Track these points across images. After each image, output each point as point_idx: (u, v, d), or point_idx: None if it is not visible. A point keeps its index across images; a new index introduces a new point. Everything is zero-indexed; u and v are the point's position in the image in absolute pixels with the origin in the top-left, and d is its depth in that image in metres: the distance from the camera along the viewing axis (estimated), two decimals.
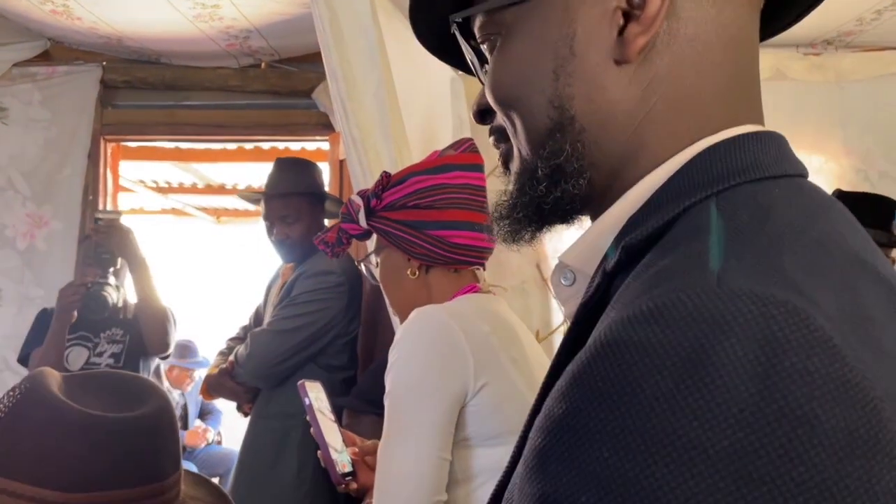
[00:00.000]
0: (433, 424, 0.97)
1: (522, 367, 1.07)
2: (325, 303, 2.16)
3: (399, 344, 1.01)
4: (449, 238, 1.11)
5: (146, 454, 0.72)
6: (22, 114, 2.76)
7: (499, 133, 0.55)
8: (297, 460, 2.13)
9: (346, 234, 1.19)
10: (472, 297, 1.12)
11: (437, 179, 1.12)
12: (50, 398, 0.71)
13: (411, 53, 2.05)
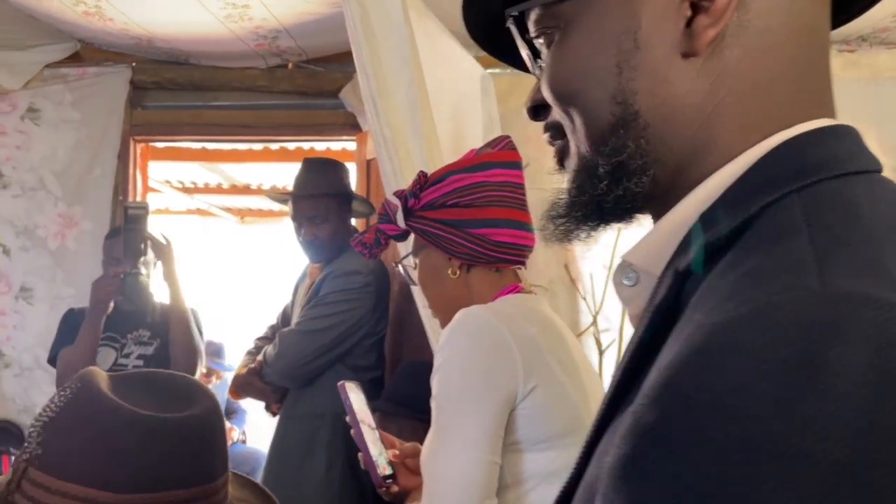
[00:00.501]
0: (483, 428, 0.95)
1: (570, 369, 1.05)
2: (354, 303, 2.15)
3: (445, 346, 0.99)
4: (491, 236, 1.09)
5: (198, 454, 0.72)
6: (53, 115, 2.79)
7: (554, 129, 0.53)
8: (326, 460, 2.13)
9: (384, 235, 1.18)
10: (515, 297, 1.10)
11: (477, 177, 1.11)
12: (102, 398, 0.70)
13: (441, 51, 2.04)
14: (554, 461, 0.99)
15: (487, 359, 0.97)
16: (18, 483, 0.67)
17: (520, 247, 1.12)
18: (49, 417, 0.68)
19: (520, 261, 1.13)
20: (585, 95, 0.48)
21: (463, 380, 0.97)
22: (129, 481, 0.67)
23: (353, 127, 2.89)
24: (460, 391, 0.96)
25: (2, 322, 2.73)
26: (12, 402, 2.74)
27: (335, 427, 2.14)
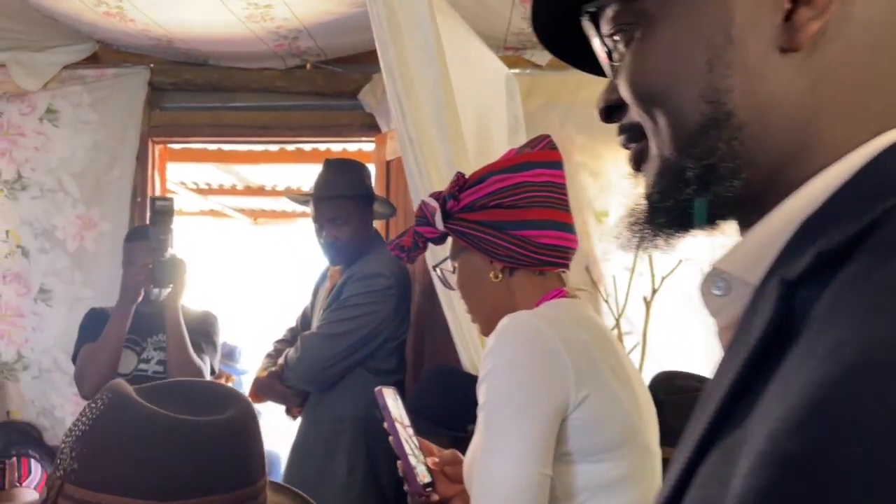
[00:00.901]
0: (533, 438, 0.91)
1: (622, 377, 1.01)
2: (375, 306, 2.13)
3: (493, 353, 0.96)
4: (534, 238, 1.06)
5: (236, 457, 0.70)
6: (72, 116, 2.78)
7: (631, 131, 0.51)
8: (347, 464, 2.11)
9: (422, 238, 1.15)
10: (562, 302, 1.07)
11: (519, 178, 1.07)
12: (137, 406, 0.69)
13: (466, 51, 2.02)
14: (607, 473, 0.96)
15: (538, 367, 0.94)
16: (55, 501, 0.65)
17: (563, 249, 1.09)
18: (82, 431, 0.67)
19: (563, 263, 1.10)
20: (672, 95, 0.45)
21: (513, 389, 0.93)
22: (169, 488, 0.65)
23: (371, 128, 2.87)
24: (510, 400, 0.93)
25: (21, 324, 2.73)
26: (31, 403, 2.73)
27: (356, 431, 2.13)
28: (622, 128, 0.52)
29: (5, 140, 2.76)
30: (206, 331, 2.37)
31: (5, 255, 2.74)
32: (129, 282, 2.17)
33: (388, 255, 2.26)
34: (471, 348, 1.85)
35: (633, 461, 0.99)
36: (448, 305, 1.87)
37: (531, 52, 2.81)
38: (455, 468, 1.14)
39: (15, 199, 2.75)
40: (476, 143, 1.94)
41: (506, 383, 0.93)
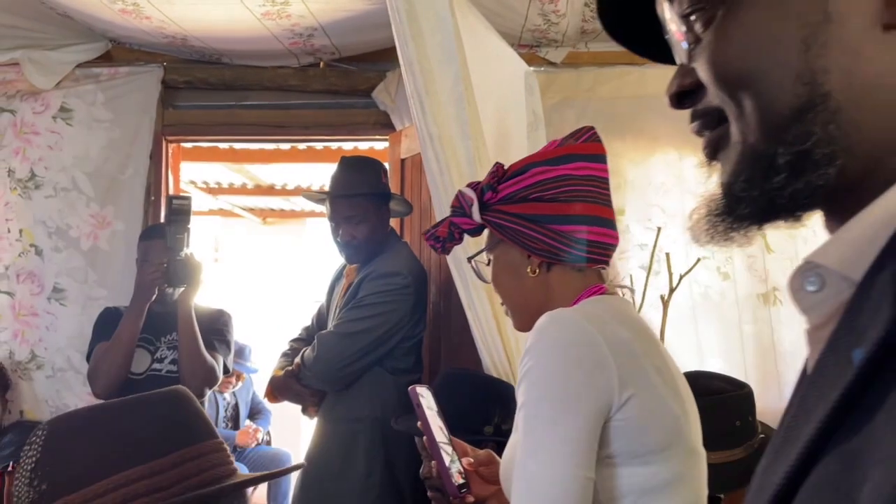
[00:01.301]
0: (576, 440, 0.88)
1: (666, 377, 0.98)
2: (393, 305, 2.11)
3: (533, 351, 0.93)
4: (574, 233, 1.04)
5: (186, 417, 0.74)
6: (85, 114, 2.77)
7: (707, 117, 0.49)
8: (365, 465, 2.10)
9: (458, 229, 1.12)
10: (603, 298, 1.04)
11: (561, 170, 1.05)
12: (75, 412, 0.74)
13: (485, 48, 2.00)
14: (652, 477, 0.93)
15: (580, 366, 0.91)
16: None
17: (604, 245, 1.06)
18: (35, 461, 0.68)
19: (603, 260, 1.07)
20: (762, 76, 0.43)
21: (554, 388, 0.90)
22: (143, 453, 0.67)
23: (385, 126, 2.86)
24: (551, 400, 0.90)
25: (34, 323, 2.72)
26: (45, 403, 2.72)
27: (374, 431, 2.11)
28: (697, 113, 0.49)
29: (19, 139, 2.75)
30: (220, 329, 2.37)
31: (19, 254, 2.73)
32: (144, 280, 2.17)
33: (405, 253, 2.26)
34: (492, 348, 1.83)
35: (679, 464, 0.96)
36: (468, 305, 1.85)
37: (545, 50, 2.80)
38: (490, 468, 1.12)
39: (28, 198, 2.74)
40: (495, 140, 1.92)
41: (547, 382, 0.91)
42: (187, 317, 2.19)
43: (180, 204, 2.18)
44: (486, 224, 1.10)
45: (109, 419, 0.70)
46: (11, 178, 2.74)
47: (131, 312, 2.18)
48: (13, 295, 2.72)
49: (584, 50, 2.82)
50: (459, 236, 1.14)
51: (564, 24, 2.52)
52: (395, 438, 2.12)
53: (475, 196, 1.09)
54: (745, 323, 2.64)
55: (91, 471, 0.65)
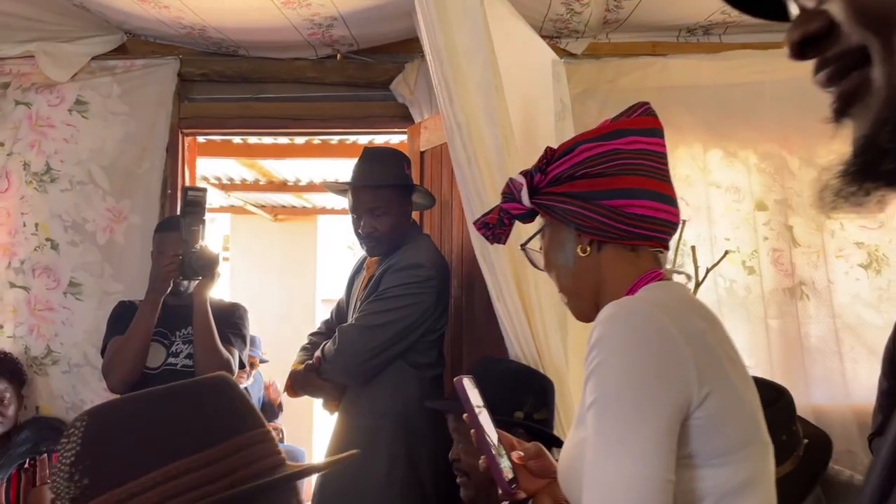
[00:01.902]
0: (655, 441, 0.83)
1: (740, 369, 0.93)
2: (415, 297, 2.08)
3: (602, 344, 0.87)
4: (624, 208, 0.99)
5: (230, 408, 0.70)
6: (101, 107, 2.74)
7: (839, 63, 0.43)
8: (387, 460, 2.06)
9: (508, 215, 1.09)
10: (665, 284, 0.99)
11: (610, 145, 1.00)
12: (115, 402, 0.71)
13: (512, 36, 1.96)
14: (732, 477, 0.88)
15: (656, 360, 0.85)
16: None
17: (659, 221, 1.00)
18: (74, 454, 0.64)
19: (659, 237, 1.02)
20: None
21: (629, 385, 0.84)
22: (189, 445, 0.64)
23: (403, 119, 2.82)
24: (627, 399, 0.84)
25: (50, 318, 2.69)
26: (61, 399, 2.70)
27: (396, 426, 2.07)
28: (826, 61, 0.44)
29: (34, 132, 2.72)
30: (235, 323, 2.34)
31: (34, 248, 2.70)
32: (159, 272, 2.14)
33: (427, 245, 2.22)
34: (521, 341, 1.79)
35: (757, 462, 0.91)
36: (497, 297, 1.81)
37: (566, 41, 2.75)
38: (539, 462, 1.08)
39: (44, 192, 2.71)
40: (522, 130, 1.89)
41: (620, 379, 0.85)
42: (203, 310, 2.17)
43: (196, 196, 2.15)
44: (536, 208, 1.06)
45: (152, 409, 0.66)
46: (27, 171, 2.72)
47: (146, 306, 2.15)
48: (29, 289, 2.70)
49: (605, 41, 2.78)
50: (510, 223, 1.10)
51: (587, 14, 2.48)
52: (418, 433, 2.08)
53: (525, 181, 1.05)
54: (771, 318, 2.59)
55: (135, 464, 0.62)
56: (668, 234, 1.03)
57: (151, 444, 0.63)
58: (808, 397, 2.53)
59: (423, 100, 2.71)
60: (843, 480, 1.77)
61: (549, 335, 1.79)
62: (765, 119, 2.67)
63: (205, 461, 0.63)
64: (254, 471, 0.64)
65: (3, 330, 2.70)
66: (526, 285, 1.80)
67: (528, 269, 1.82)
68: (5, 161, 2.72)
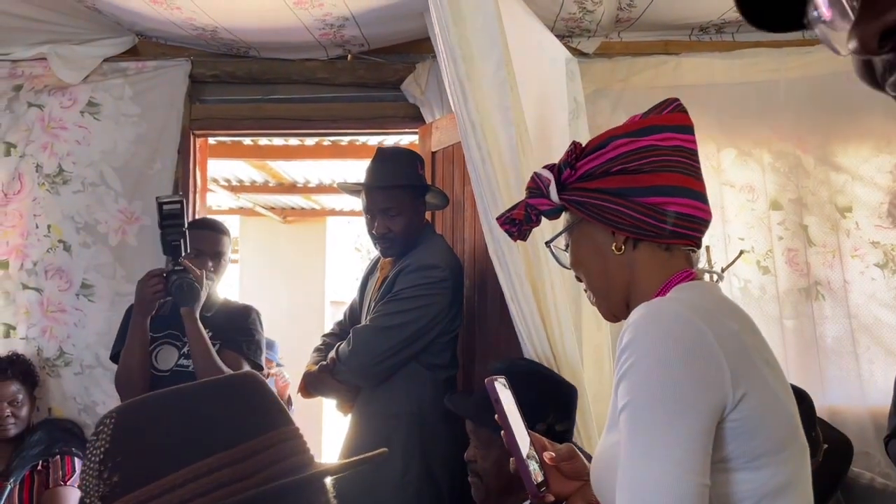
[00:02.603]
0: (691, 445, 0.80)
1: (777, 372, 0.92)
2: (430, 298, 2.07)
3: (634, 347, 0.86)
4: (662, 206, 0.96)
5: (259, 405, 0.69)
6: (113, 109, 2.74)
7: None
8: (402, 462, 2.05)
9: (536, 211, 1.06)
10: (697, 284, 0.96)
11: (645, 141, 0.98)
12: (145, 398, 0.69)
13: (526, 34, 1.95)
14: (770, 480, 0.86)
15: (690, 363, 0.83)
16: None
17: (695, 219, 0.98)
18: (104, 451, 0.63)
19: (694, 236, 1.00)
20: None
21: (663, 388, 0.83)
22: (219, 441, 0.63)
23: (414, 119, 2.81)
24: (660, 402, 0.83)
25: (63, 319, 2.69)
26: (73, 400, 2.70)
27: (410, 427, 2.06)
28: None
29: (47, 133, 2.73)
30: (247, 328, 2.30)
31: (47, 249, 2.71)
32: (144, 295, 2.09)
33: (441, 246, 2.21)
34: (535, 341, 1.78)
35: (795, 466, 0.90)
36: (511, 297, 1.80)
37: (578, 40, 2.74)
38: (572, 464, 1.06)
39: (56, 194, 2.72)
40: (537, 128, 1.87)
41: (654, 382, 0.84)
42: (194, 331, 2.11)
43: (171, 208, 2.04)
44: (564, 204, 1.04)
45: (181, 406, 0.66)
46: (39, 173, 2.72)
47: (135, 328, 2.12)
48: (42, 291, 2.70)
49: (617, 40, 2.76)
50: (537, 219, 1.07)
51: (600, 13, 2.47)
52: (432, 434, 2.07)
53: (552, 176, 1.04)
54: (787, 318, 2.57)
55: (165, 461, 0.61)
56: (702, 233, 1.01)
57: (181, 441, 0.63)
58: (823, 398, 2.50)
59: (434, 100, 2.71)
60: (864, 484, 1.75)
61: (564, 336, 1.78)
62: (779, 118, 2.64)
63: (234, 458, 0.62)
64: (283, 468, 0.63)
65: (15, 331, 2.70)
66: (541, 285, 1.78)
67: (543, 269, 1.80)
68: (18, 163, 2.72)
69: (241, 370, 2.15)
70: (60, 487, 2.40)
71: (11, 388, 2.48)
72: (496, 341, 2.20)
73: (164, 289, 2.07)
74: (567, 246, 1.07)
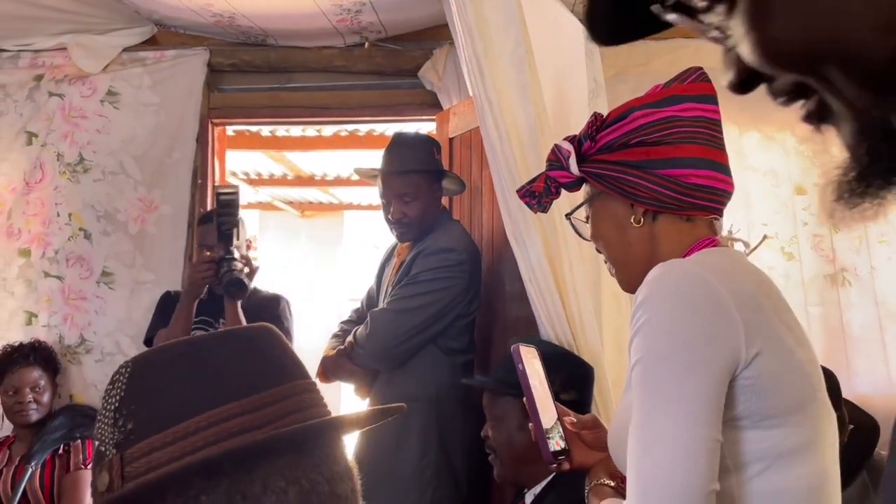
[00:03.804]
0: (702, 399, 0.80)
1: (797, 333, 0.90)
2: (448, 281, 2.05)
3: (648, 303, 0.85)
4: (683, 178, 0.95)
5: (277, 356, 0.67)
6: (132, 98, 2.76)
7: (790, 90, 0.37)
8: (420, 446, 2.04)
9: (555, 183, 1.05)
10: (718, 250, 0.96)
11: (666, 112, 0.97)
12: (159, 349, 0.68)
13: (543, 12, 1.93)
14: (785, 440, 0.85)
15: (703, 319, 0.83)
16: (121, 474, 0.59)
17: (717, 191, 0.97)
18: (118, 399, 0.63)
19: (716, 208, 0.99)
20: None
21: (675, 343, 0.83)
22: (235, 390, 0.62)
23: (431, 106, 2.80)
24: (672, 356, 0.82)
25: (84, 307, 2.72)
26: (94, 387, 2.72)
27: (429, 412, 2.05)
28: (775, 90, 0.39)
29: (67, 123, 2.75)
30: (277, 316, 2.32)
31: (68, 238, 2.73)
32: (195, 278, 2.11)
33: (458, 230, 2.20)
34: (555, 323, 1.76)
35: (813, 426, 0.88)
36: (529, 278, 1.78)
37: None
38: (595, 433, 1.05)
39: (77, 182, 2.74)
40: (555, 108, 1.85)
41: (667, 338, 0.83)
42: (236, 322, 2.12)
43: (228, 197, 2.08)
44: (584, 176, 1.03)
45: (198, 354, 0.65)
46: (60, 162, 2.75)
47: (181, 311, 2.14)
48: (63, 279, 2.73)
49: None
50: (556, 191, 1.06)
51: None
52: (450, 417, 2.06)
53: (572, 148, 1.02)
54: (812, 305, 2.52)
55: (180, 408, 0.61)
56: (724, 204, 1.00)
57: (196, 389, 0.62)
58: (850, 387, 2.45)
59: (452, 86, 2.69)
60: None
61: (584, 317, 1.75)
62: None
63: (248, 407, 0.61)
64: (298, 419, 0.62)
65: (37, 319, 2.73)
66: (560, 266, 1.76)
67: (561, 250, 1.78)
68: (39, 152, 2.75)
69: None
70: (81, 471, 2.43)
71: (34, 374, 2.51)
72: (514, 325, 2.18)
73: (215, 275, 2.08)
74: (587, 218, 1.06)
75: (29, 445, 2.45)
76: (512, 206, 1.75)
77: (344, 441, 0.67)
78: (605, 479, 1.03)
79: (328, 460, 0.63)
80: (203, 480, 0.58)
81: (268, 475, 0.59)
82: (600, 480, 1.02)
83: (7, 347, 2.55)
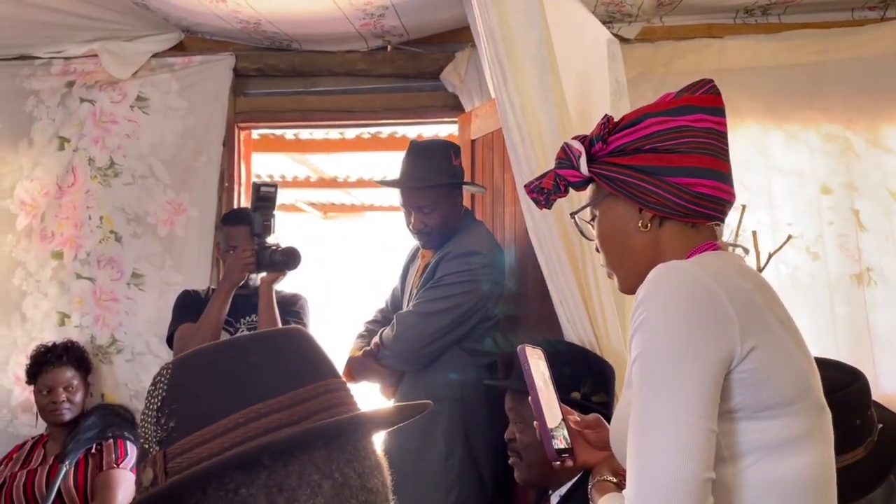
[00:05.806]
0: (699, 391, 0.84)
1: (792, 330, 0.94)
2: (472, 284, 2.07)
3: (647, 302, 0.89)
4: (691, 186, 0.98)
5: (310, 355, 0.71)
6: (161, 103, 2.82)
7: None
8: (444, 447, 2.06)
9: (564, 181, 1.08)
10: (717, 253, 0.99)
11: (679, 121, 0.99)
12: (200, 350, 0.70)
13: (565, 13, 1.94)
14: (780, 432, 0.88)
15: (700, 316, 0.87)
16: (165, 470, 0.63)
17: (721, 201, 1.01)
18: (161, 399, 0.66)
19: (719, 217, 1.02)
20: None
21: (673, 338, 0.86)
22: (269, 388, 0.65)
23: (453, 108, 2.83)
24: (671, 351, 0.86)
25: (115, 308, 2.78)
26: (124, 386, 2.78)
27: (453, 412, 2.07)
28: None
29: (98, 128, 2.82)
30: (297, 312, 2.37)
31: (99, 240, 2.80)
32: (237, 264, 2.18)
33: (482, 232, 2.21)
34: (577, 323, 1.77)
35: (807, 420, 0.91)
36: (551, 279, 1.79)
37: (618, 26, 2.71)
38: (598, 433, 1.08)
39: (108, 186, 2.81)
40: (578, 109, 1.86)
41: (665, 334, 0.87)
42: (269, 301, 2.20)
43: (267, 191, 2.19)
44: (593, 177, 1.05)
45: (234, 354, 0.68)
46: (92, 166, 2.81)
47: (220, 296, 2.20)
48: (94, 280, 2.79)
49: (659, 24, 2.73)
50: (565, 189, 1.09)
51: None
52: (475, 419, 2.08)
53: (583, 148, 1.04)
54: (838, 305, 2.50)
55: (219, 406, 0.64)
56: (726, 212, 1.04)
57: (233, 388, 0.65)
58: (876, 388, 2.42)
59: (474, 88, 2.71)
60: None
61: (606, 318, 1.76)
62: (827, 100, 2.58)
63: (286, 403, 0.64)
64: (333, 414, 0.65)
65: (70, 320, 2.80)
66: (582, 267, 1.77)
67: (585, 250, 1.79)
68: (71, 157, 2.82)
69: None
70: (113, 470, 2.48)
71: (67, 374, 2.57)
72: (538, 326, 2.20)
73: (255, 263, 2.17)
74: (593, 217, 1.08)
75: (62, 444, 2.51)
76: (534, 208, 1.76)
77: (374, 437, 0.69)
78: (607, 475, 1.06)
79: (360, 455, 0.66)
80: (242, 474, 0.61)
81: (303, 468, 0.62)
82: (603, 476, 1.05)
83: (41, 347, 2.61)
